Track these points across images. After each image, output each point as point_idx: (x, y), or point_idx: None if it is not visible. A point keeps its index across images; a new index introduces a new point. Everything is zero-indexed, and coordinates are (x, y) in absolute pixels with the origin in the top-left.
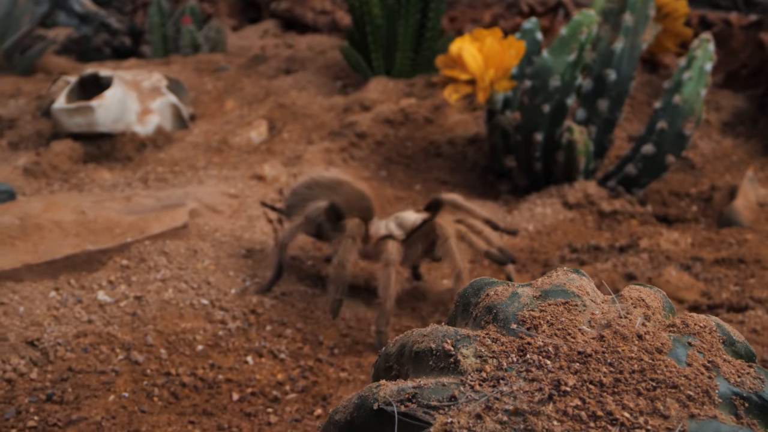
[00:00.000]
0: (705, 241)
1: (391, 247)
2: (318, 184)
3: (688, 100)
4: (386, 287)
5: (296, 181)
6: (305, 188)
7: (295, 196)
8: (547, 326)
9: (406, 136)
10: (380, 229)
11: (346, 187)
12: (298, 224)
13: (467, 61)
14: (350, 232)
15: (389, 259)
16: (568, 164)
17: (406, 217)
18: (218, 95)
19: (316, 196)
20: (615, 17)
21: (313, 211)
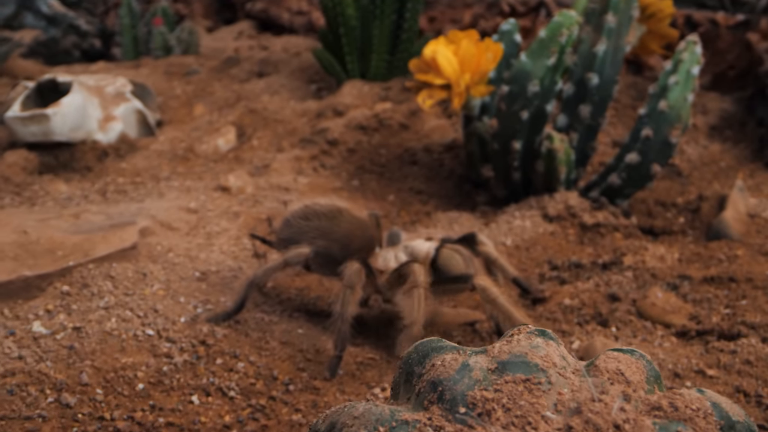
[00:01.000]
0: (693, 257)
1: (418, 269)
2: (314, 214)
3: (674, 106)
4: (414, 308)
5: (289, 210)
6: (300, 219)
7: (289, 227)
8: (502, 412)
9: (380, 143)
10: (389, 261)
11: (346, 217)
12: (275, 266)
13: (442, 64)
14: (349, 280)
15: (417, 281)
16: (548, 174)
17: (416, 246)
18: (187, 100)
19: (312, 227)
20: (597, 18)
21: (293, 257)
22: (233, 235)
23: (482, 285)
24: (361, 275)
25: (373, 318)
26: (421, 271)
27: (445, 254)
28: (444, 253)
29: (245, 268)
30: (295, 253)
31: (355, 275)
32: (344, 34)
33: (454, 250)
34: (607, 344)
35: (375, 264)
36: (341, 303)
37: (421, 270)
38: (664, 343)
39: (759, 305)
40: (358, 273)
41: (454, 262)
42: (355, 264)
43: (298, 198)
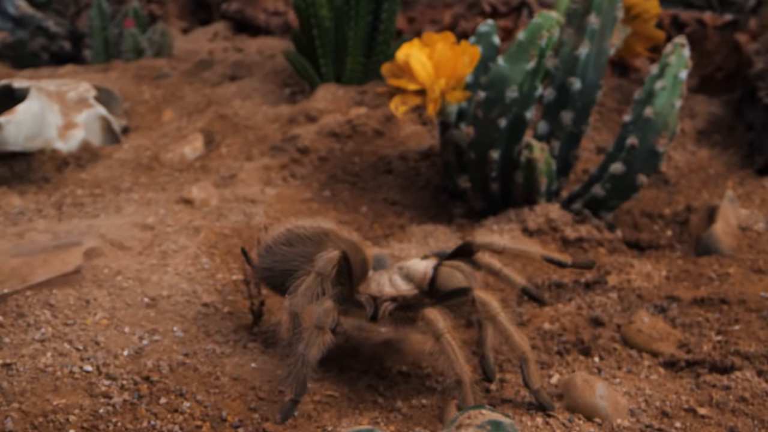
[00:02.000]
0: (682, 274)
1: (433, 315)
2: (298, 239)
3: (661, 113)
4: (453, 362)
5: (269, 235)
6: (283, 245)
7: (271, 255)
8: None
9: (354, 151)
10: (383, 285)
11: (332, 239)
12: (311, 284)
13: (415, 69)
14: (318, 320)
15: (438, 329)
16: (527, 185)
17: (413, 267)
18: (156, 105)
19: (297, 254)
20: (579, 20)
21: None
22: (191, 254)
23: (483, 299)
24: (334, 314)
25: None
26: (437, 314)
27: (444, 273)
28: (443, 271)
29: (200, 291)
30: (325, 260)
31: (325, 314)
32: (318, 36)
33: (454, 267)
34: (589, 381)
35: (368, 290)
36: (305, 343)
37: (436, 313)
38: (651, 375)
39: (753, 331)
40: (329, 312)
41: (455, 281)
42: (327, 301)
43: (266, 210)
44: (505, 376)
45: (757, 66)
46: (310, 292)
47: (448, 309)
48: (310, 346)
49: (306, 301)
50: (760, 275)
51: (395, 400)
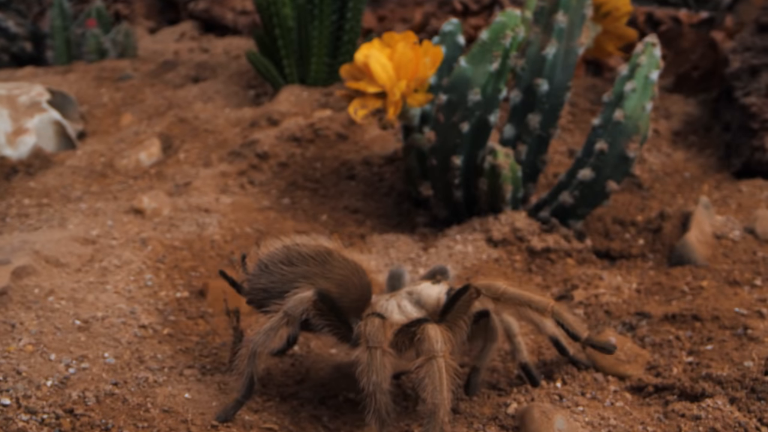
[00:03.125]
0: (653, 287)
1: (434, 332)
2: (300, 257)
3: (631, 116)
4: (437, 388)
5: (265, 252)
6: (281, 264)
7: (268, 275)
8: None
9: (315, 156)
10: (392, 312)
11: (337, 260)
12: (275, 324)
13: (375, 70)
14: (374, 339)
15: (434, 348)
16: (492, 193)
17: (424, 292)
18: (115, 108)
19: (299, 274)
20: (546, 18)
21: (295, 305)
22: (135, 270)
23: (486, 284)
24: (386, 330)
25: (281, 372)
26: (438, 333)
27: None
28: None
29: (139, 311)
30: (296, 300)
31: (379, 332)
32: (280, 36)
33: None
34: (547, 413)
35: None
36: (374, 370)
37: (438, 332)
38: (617, 401)
39: (726, 352)
40: (382, 328)
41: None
42: (376, 319)
43: (220, 220)
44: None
45: (733, 65)
46: (273, 333)
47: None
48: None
49: (268, 342)
50: (735, 288)
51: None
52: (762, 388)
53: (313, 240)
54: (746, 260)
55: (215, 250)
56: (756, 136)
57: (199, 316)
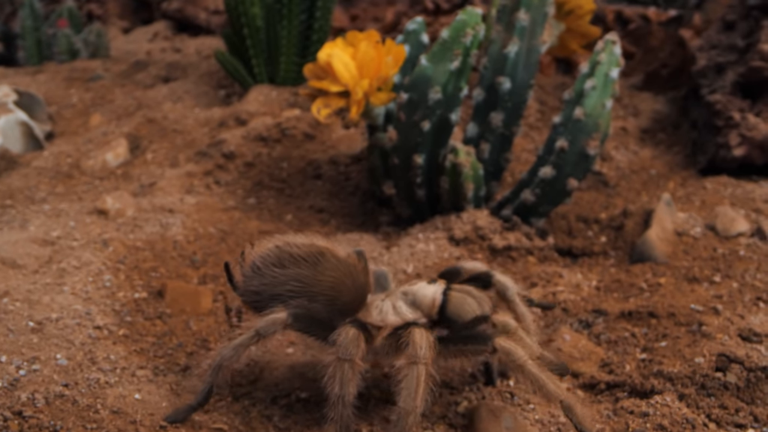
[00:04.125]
0: (613, 284)
1: (419, 337)
2: (291, 259)
3: (591, 114)
4: (411, 391)
5: (257, 252)
6: (273, 265)
7: (259, 277)
8: None
9: (282, 156)
10: (386, 313)
11: (330, 261)
12: (245, 341)
13: (338, 69)
14: (346, 352)
15: (417, 354)
16: (454, 191)
17: (419, 292)
18: (84, 109)
19: (290, 277)
20: (508, 16)
21: (267, 326)
22: (93, 271)
23: (506, 348)
24: (361, 342)
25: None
26: (424, 339)
27: (455, 300)
28: (454, 298)
29: (95, 312)
30: (269, 322)
31: (352, 344)
32: (249, 36)
33: (465, 292)
34: (494, 412)
35: (368, 318)
36: (339, 382)
37: (424, 337)
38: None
39: (679, 349)
40: (356, 340)
41: (467, 309)
42: (351, 329)
43: (183, 221)
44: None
45: (699, 63)
46: (242, 349)
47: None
48: (345, 382)
49: (235, 357)
50: (692, 285)
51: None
52: (711, 384)
53: (307, 239)
54: (706, 257)
55: (177, 251)
56: (720, 134)
57: (157, 317)
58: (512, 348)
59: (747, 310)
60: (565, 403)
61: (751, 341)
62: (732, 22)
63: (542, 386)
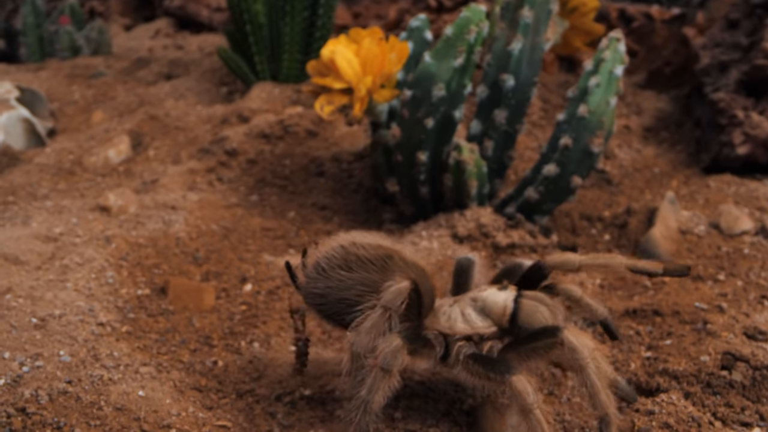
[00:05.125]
0: (617, 282)
1: (521, 386)
2: (358, 261)
3: (595, 112)
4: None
5: (321, 252)
6: (339, 268)
7: (324, 279)
8: None
9: (285, 153)
10: (454, 320)
11: (398, 264)
12: (377, 320)
13: (341, 66)
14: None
15: (527, 404)
16: (457, 189)
17: (489, 299)
18: (86, 106)
19: (357, 281)
20: (512, 13)
21: (393, 299)
22: (97, 267)
23: (573, 345)
24: (403, 355)
25: (238, 368)
26: (527, 386)
27: (527, 308)
28: (526, 306)
29: (98, 309)
30: (394, 292)
31: (392, 355)
32: (251, 33)
33: (538, 300)
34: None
35: (436, 325)
36: (369, 388)
37: (526, 385)
38: (574, 397)
39: (684, 347)
40: (398, 352)
41: (540, 318)
42: (396, 339)
43: (186, 217)
44: None
45: (703, 61)
46: (375, 330)
47: (532, 352)
48: (373, 390)
49: (370, 340)
50: (696, 283)
51: (291, 430)
52: (717, 382)
53: (373, 239)
54: (710, 255)
55: (180, 248)
56: (724, 132)
57: (160, 314)
58: (579, 346)
59: (752, 309)
60: (606, 420)
61: (756, 339)
62: (735, 21)
63: (595, 393)
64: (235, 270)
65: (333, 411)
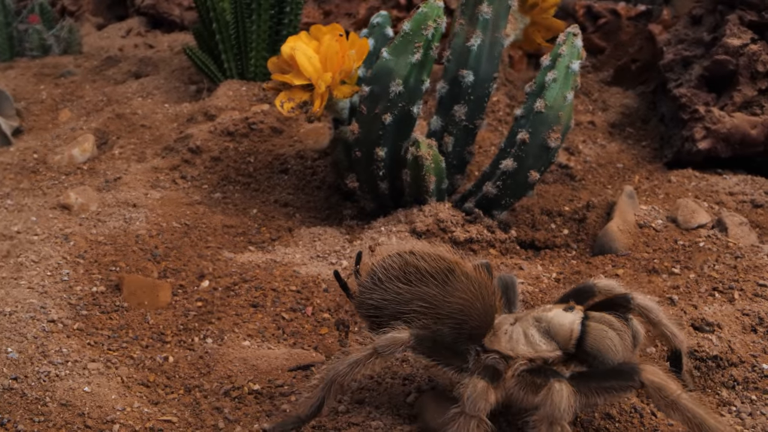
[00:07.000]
0: (572, 276)
1: (558, 397)
2: (418, 274)
3: (552, 107)
4: None
5: (378, 261)
6: (398, 280)
7: (381, 290)
8: None
9: (249, 150)
10: (517, 341)
11: (459, 279)
12: (362, 359)
13: (301, 63)
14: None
15: (554, 415)
16: (416, 184)
17: (555, 320)
18: (54, 105)
19: (416, 296)
20: (471, 9)
21: (387, 346)
22: (52, 265)
23: (657, 383)
24: (490, 396)
25: (189, 364)
26: (566, 399)
27: (595, 332)
28: (593, 329)
29: (50, 306)
30: (389, 341)
31: (481, 398)
32: (218, 31)
33: (606, 323)
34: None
35: (497, 345)
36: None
37: (566, 397)
38: None
39: None
40: (485, 394)
41: (609, 344)
42: (480, 382)
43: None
44: None
45: (667, 57)
46: (357, 367)
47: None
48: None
49: (349, 373)
50: (651, 276)
51: (236, 424)
52: None
53: (433, 249)
54: (667, 248)
55: (139, 245)
56: (686, 127)
57: (114, 311)
58: (663, 382)
59: (702, 301)
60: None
61: (703, 331)
62: (699, 17)
63: (702, 422)
64: (194, 267)
65: (279, 406)
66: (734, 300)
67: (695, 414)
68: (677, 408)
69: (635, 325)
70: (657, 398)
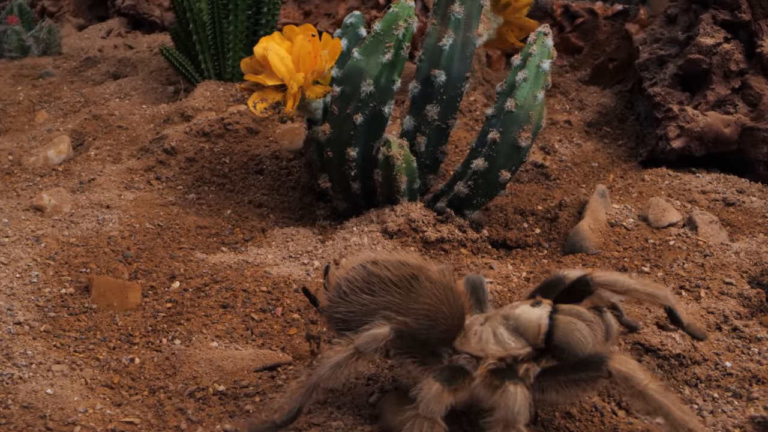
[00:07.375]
0: (543, 276)
1: (512, 399)
2: (381, 283)
3: (522, 106)
4: None
5: (342, 274)
6: (362, 291)
7: (346, 303)
8: None
9: (224, 151)
10: (486, 341)
11: (423, 284)
12: (343, 360)
13: (273, 63)
14: (427, 409)
15: (508, 419)
16: (387, 184)
17: (523, 317)
18: (30, 106)
19: (381, 305)
20: (443, 9)
21: (367, 343)
22: (22, 267)
23: (624, 373)
24: (445, 398)
25: (154, 365)
26: (518, 398)
27: (563, 324)
28: (561, 322)
29: (17, 308)
30: (369, 337)
31: (435, 401)
32: (195, 31)
33: (574, 315)
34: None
35: (466, 347)
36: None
37: (518, 396)
38: None
39: None
40: (439, 396)
41: (578, 336)
42: (435, 384)
43: (120, 216)
44: None
45: (642, 56)
46: (339, 370)
47: (572, 382)
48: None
49: (332, 377)
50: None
51: (199, 425)
52: None
53: (396, 257)
54: (637, 247)
55: (111, 246)
56: (660, 126)
57: (82, 312)
58: (630, 371)
59: None
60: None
61: (667, 329)
62: (674, 16)
63: (668, 413)
64: (165, 268)
65: (243, 407)
66: (700, 298)
67: (662, 404)
68: (644, 398)
69: (608, 317)
70: (624, 387)
